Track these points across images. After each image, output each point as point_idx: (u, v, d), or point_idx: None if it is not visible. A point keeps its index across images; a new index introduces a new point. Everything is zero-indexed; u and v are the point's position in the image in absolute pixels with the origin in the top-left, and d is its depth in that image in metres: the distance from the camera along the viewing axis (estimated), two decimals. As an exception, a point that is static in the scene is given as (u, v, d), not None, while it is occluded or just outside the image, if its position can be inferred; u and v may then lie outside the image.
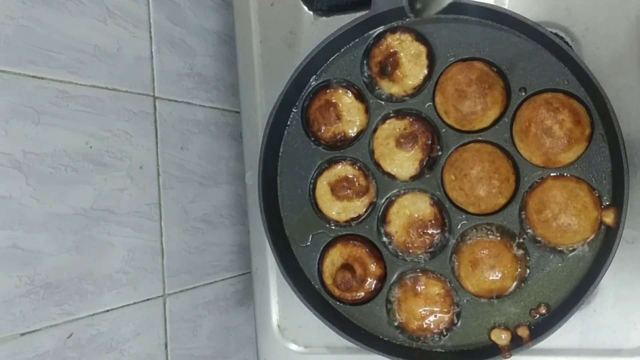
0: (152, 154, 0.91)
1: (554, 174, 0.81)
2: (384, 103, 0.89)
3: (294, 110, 0.94)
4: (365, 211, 0.90)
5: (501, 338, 0.82)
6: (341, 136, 0.91)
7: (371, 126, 0.89)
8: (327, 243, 0.91)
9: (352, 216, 0.90)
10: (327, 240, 0.92)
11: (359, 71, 0.90)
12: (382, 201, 0.89)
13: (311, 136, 0.93)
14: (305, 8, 0.98)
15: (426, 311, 0.85)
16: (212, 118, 1.07)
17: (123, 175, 0.84)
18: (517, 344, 0.81)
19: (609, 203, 0.79)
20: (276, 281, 0.98)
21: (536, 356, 0.83)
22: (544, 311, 0.81)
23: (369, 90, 0.90)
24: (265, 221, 0.90)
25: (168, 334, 0.91)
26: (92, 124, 0.80)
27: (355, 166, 0.90)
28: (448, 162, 0.85)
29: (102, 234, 0.80)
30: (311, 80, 0.93)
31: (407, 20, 0.87)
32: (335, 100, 0.91)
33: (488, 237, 0.83)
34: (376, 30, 0.89)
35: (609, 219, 0.78)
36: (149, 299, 0.88)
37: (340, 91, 0.91)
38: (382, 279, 0.89)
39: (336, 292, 0.90)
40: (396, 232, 0.87)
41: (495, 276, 0.82)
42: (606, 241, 0.78)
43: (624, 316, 0.81)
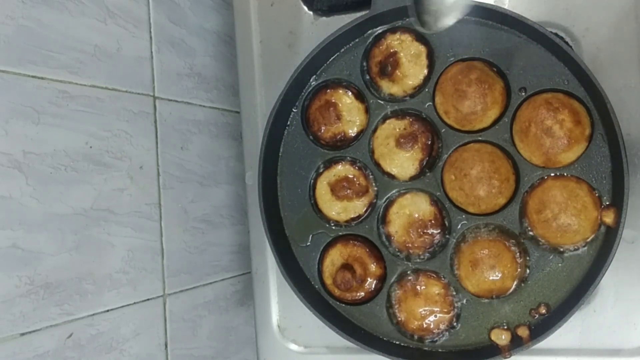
0: (152, 154, 0.91)
1: (554, 174, 0.81)
2: (384, 103, 0.89)
3: (294, 110, 0.94)
4: (365, 211, 0.90)
5: (501, 338, 0.82)
6: (341, 136, 0.91)
7: (371, 126, 0.89)
8: (327, 243, 0.91)
9: (352, 216, 0.90)
10: (327, 240, 0.92)
11: (359, 71, 0.90)
12: (382, 201, 0.89)
13: (311, 136, 0.93)
14: (305, 8, 0.98)
15: (426, 311, 0.85)
16: (212, 118, 1.07)
17: (123, 175, 0.84)
18: (517, 344, 0.80)
19: (609, 203, 0.79)
20: (276, 281, 0.98)
21: (536, 356, 0.83)
22: (544, 311, 0.81)
23: (369, 90, 0.90)
24: (265, 221, 0.90)
25: (168, 334, 0.91)
26: (92, 124, 0.80)
27: (355, 166, 0.90)
28: (448, 162, 0.85)
29: (102, 234, 0.80)
30: (311, 80, 0.93)
31: (407, 20, 0.87)
32: (335, 100, 0.90)
33: (488, 237, 0.83)
34: (376, 30, 0.89)
35: (609, 219, 0.78)
36: (149, 299, 0.88)
37: (340, 91, 0.91)
38: (382, 279, 0.89)
39: (336, 292, 0.90)
40: (396, 232, 0.87)
41: (495, 276, 0.82)
42: (606, 241, 0.78)
43: (624, 316, 0.81)
